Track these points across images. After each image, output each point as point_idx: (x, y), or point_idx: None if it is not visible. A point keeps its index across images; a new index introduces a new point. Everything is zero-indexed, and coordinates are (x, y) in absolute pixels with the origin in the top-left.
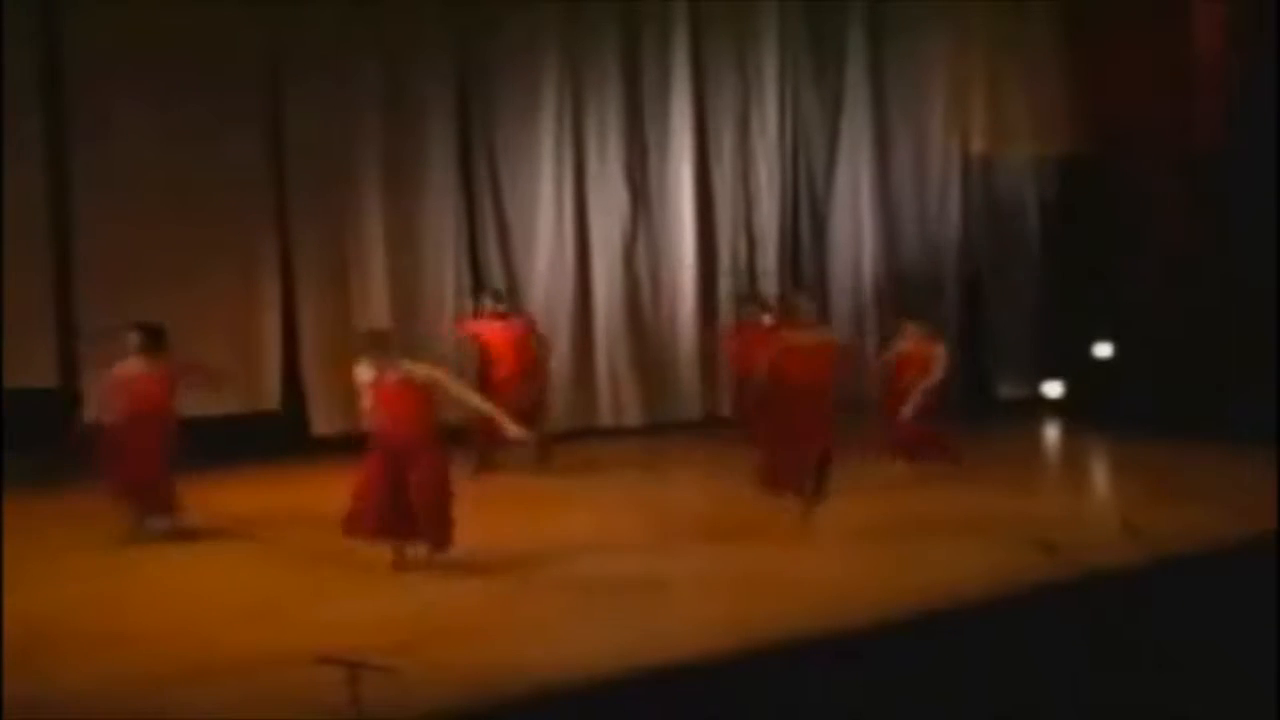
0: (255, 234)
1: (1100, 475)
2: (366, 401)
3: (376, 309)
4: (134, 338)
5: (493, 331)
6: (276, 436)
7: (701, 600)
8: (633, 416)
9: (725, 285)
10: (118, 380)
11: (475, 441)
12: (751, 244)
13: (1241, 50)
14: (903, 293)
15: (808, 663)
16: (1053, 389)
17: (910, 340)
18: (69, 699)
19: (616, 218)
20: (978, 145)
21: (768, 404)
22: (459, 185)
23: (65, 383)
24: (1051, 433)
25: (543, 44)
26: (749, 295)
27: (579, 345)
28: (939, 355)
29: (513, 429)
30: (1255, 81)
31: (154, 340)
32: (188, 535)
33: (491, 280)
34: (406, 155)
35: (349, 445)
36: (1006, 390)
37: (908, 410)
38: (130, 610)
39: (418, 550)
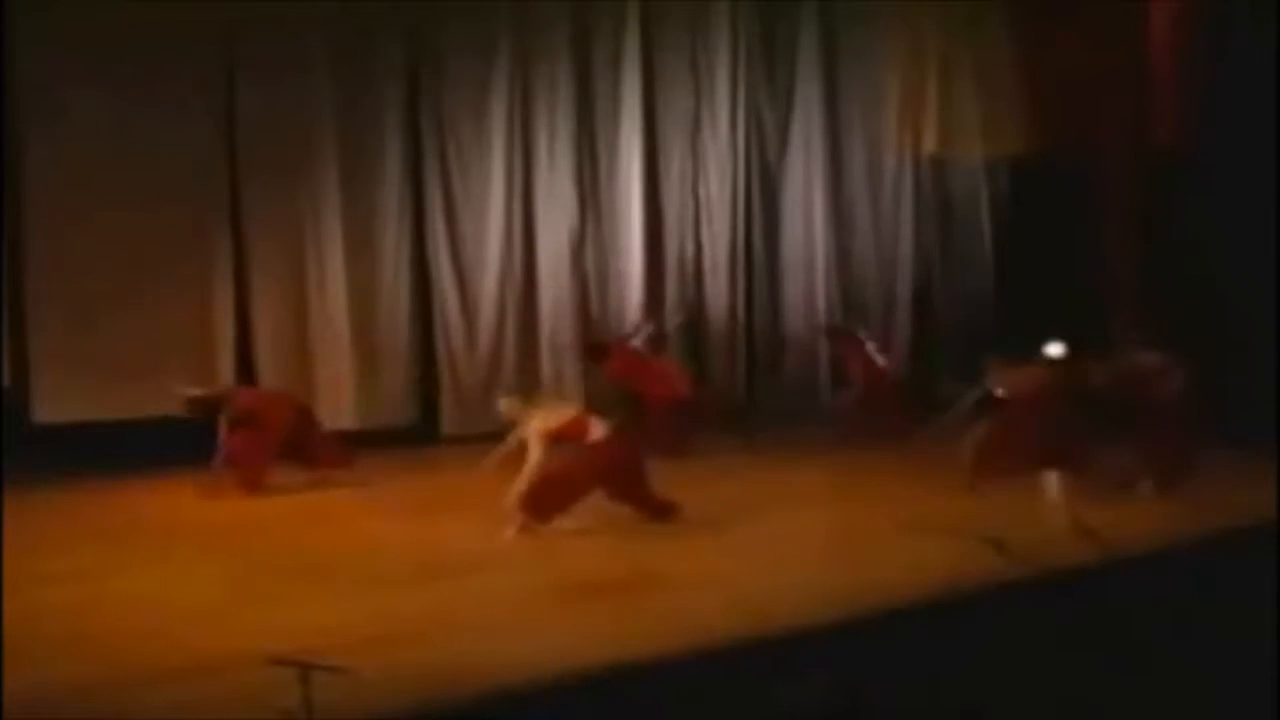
0: (209, 234)
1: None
2: None
3: (334, 312)
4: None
5: None
6: None
7: (650, 600)
8: None
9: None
10: None
11: None
12: (699, 245)
13: (1196, 48)
14: (854, 292)
15: (763, 662)
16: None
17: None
18: (28, 701)
19: (565, 216)
20: (930, 145)
21: None
22: (410, 189)
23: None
24: None
25: (493, 43)
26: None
27: (525, 343)
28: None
29: None
30: (1210, 79)
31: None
32: None
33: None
34: (360, 156)
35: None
36: (956, 389)
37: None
38: (89, 613)
39: None
